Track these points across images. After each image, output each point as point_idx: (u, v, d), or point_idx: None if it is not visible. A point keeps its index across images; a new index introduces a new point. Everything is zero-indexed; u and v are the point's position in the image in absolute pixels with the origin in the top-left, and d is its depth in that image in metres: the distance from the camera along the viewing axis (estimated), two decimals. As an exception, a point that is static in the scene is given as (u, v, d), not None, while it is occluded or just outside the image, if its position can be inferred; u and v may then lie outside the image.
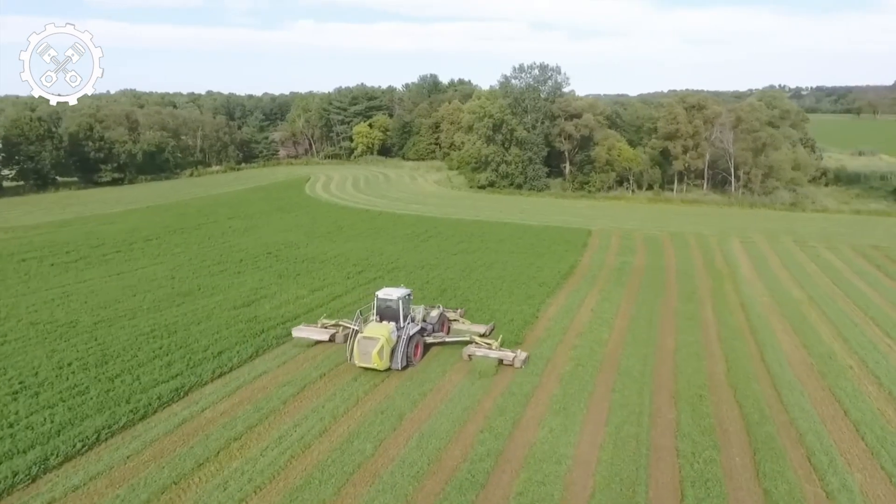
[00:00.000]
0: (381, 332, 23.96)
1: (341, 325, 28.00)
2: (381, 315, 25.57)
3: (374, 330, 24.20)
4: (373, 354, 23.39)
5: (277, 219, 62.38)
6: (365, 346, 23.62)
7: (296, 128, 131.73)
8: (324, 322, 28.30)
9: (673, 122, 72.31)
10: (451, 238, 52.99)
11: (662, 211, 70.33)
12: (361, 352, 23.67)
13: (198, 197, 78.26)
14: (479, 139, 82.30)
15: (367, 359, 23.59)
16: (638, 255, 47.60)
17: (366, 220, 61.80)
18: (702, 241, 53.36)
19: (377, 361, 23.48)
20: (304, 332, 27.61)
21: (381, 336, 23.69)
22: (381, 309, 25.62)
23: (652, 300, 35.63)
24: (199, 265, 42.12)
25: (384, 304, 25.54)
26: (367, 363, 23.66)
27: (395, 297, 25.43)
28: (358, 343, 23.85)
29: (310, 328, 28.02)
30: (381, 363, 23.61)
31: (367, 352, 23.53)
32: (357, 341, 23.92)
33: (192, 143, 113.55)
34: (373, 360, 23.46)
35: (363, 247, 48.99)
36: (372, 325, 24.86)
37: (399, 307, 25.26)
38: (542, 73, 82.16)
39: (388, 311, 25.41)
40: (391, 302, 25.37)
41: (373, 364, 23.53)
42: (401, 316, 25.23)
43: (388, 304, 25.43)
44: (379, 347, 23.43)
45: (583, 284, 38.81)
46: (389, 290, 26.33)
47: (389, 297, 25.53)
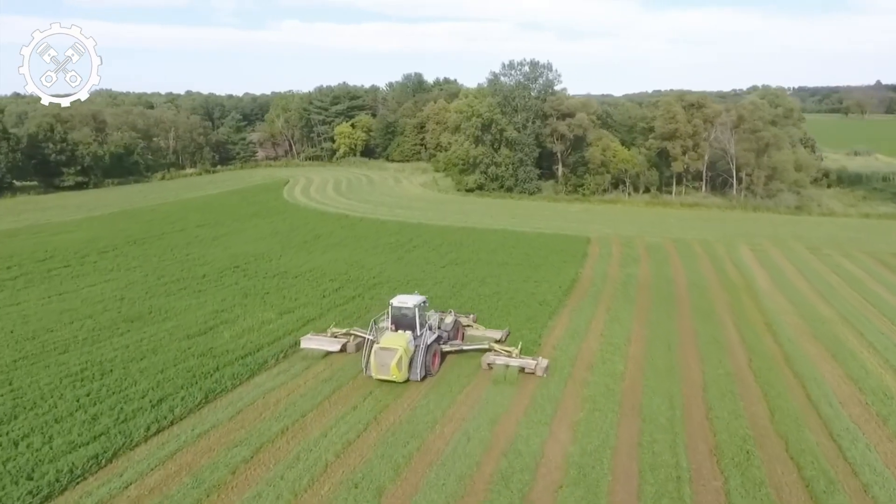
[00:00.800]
0: (399, 342, 22.76)
1: (353, 333, 26.60)
2: (396, 324, 24.30)
3: (391, 340, 22.99)
4: (391, 366, 22.22)
5: (251, 226, 57.64)
6: (382, 358, 22.45)
7: (275, 128, 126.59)
8: (334, 331, 26.80)
9: (671, 122, 68.64)
10: (439, 248, 48.67)
11: (662, 215, 66.61)
12: (379, 364, 22.47)
13: (167, 202, 73.15)
14: (466, 140, 78.06)
15: (385, 371, 22.36)
16: (643, 266, 43.66)
17: (346, 228, 57.27)
18: (708, 248, 49.60)
19: (396, 373, 22.33)
20: (314, 342, 26.12)
21: (399, 347, 22.52)
22: (396, 317, 24.36)
23: (666, 320, 31.61)
24: (156, 282, 37.34)
25: (399, 313, 24.26)
26: (385, 375, 22.42)
27: (411, 304, 24.14)
28: (375, 354, 22.70)
29: (319, 337, 26.46)
30: (399, 375, 22.44)
31: (386, 364, 22.32)
32: (374, 352, 22.79)
33: (165, 144, 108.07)
34: (391, 373, 22.29)
35: (342, 258, 44.50)
36: (388, 334, 23.59)
37: (415, 315, 23.98)
38: (532, 71, 78.17)
39: (404, 320, 24.15)
40: (407, 310, 24.09)
41: (391, 376, 22.36)
42: (417, 324, 23.95)
43: (404, 312, 24.16)
44: (397, 359, 22.27)
45: (587, 302, 34.70)
46: (404, 297, 25.03)
47: (405, 304, 24.23)
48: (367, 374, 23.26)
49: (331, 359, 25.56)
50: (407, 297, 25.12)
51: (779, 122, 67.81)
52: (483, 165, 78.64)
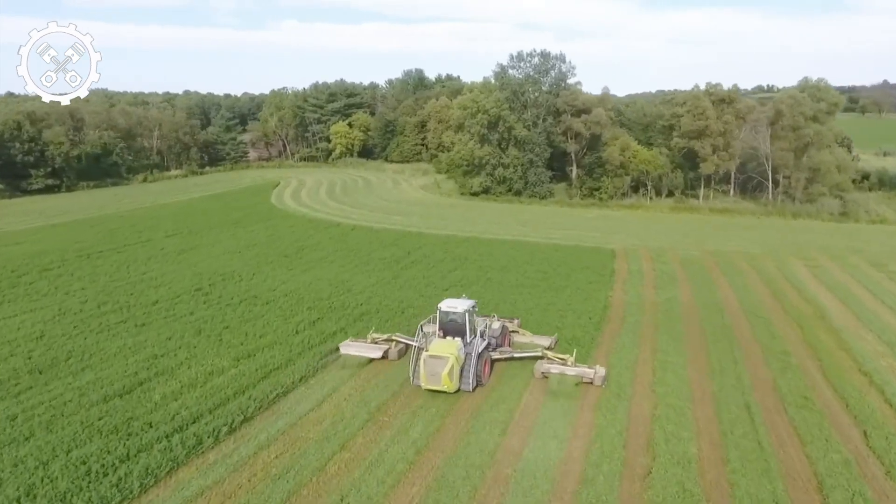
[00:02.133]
0: (450, 349, 21.30)
1: (395, 339, 25.33)
2: (444, 330, 22.71)
3: (441, 348, 21.45)
4: (443, 376, 20.83)
5: (227, 236, 50.75)
6: (433, 367, 20.97)
7: (268, 128, 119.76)
8: (374, 336, 25.30)
9: (701, 118, 61.51)
10: (441, 263, 41.74)
11: (690, 222, 59.55)
12: (429, 373, 21.02)
13: (142, 207, 66.36)
14: (471, 139, 71.08)
15: (436, 381, 20.98)
16: (682, 287, 36.67)
17: (336, 238, 50.34)
18: (754, 263, 42.58)
19: (447, 383, 20.93)
20: (353, 348, 24.63)
21: (450, 355, 21.04)
22: (444, 323, 22.75)
23: (731, 366, 24.62)
24: (92, 312, 30.40)
25: (448, 318, 22.68)
26: (436, 385, 21.07)
27: (461, 309, 22.52)
28: (424, 363, 21.17)
29: (358, 343, 24.96)
30: (451, 385, 21.05)
31: (436, 373, 20.89)
32: (423, 361, 21.25)
33: (149, 144, 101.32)
34: (443, 382, 20.90)
35: (326, 278, 37.60)
36: (438, 342, 22.06)
37: (465, 321, 22.42)
38: (543, 63, 71.14)
39: (453, 326, 22.59)
40: (456, 315, 22.56)
41: (443, 386, 20.99)
42: (467, 330, 22.39)
43: (453, 317, 22.61)
44: (449, 368, 20.80)
45: (625, 339, 27.70)
46: (453, 301, 23.37)
47: (454, 309, 22.65)
48: (414, 384, 21.80)
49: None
50: (456, 300, 23.38)
51: (820, 118, 60.65)
52: (489, 167, 71.67)
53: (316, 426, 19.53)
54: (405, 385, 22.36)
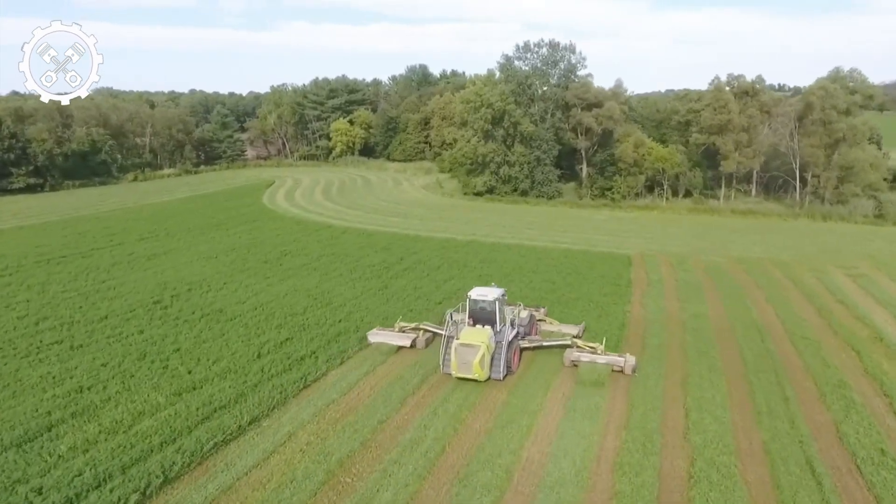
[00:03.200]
0: (481, 338, 21.09)
1: (422, 327, 25.30)
2: (474, 318, 22.63)
3: (472, 336, 21.27)
4: (474, 364, 20.62)
5: (206, 240, 46.60)
6: (464, 355, 20.81)
7: (266, 125, 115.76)
8: (401, 325, 25.45)
9: (723, 112, 56.64)
10: (436, 270, 37.36)
11: (710, 225, 54.79)
12: (460, 361, 20.85)
13: (123, 207, 62.38)
14: (474, 135, 66.59)
15: (467, 369, 20.77)
16: (710, 300, 32.06)
17: (324, 242, 46.06)
18: (788, 272, 37.88)
19: (478, 371, 20.72)
20: (381, 336, 24.78)
21: (481, 343, 20.86)
22: (474, 311, 22.68)
23: (781, 405, 20.13)
24: (26, 330, 26.25)
25: (478, 306, 22.61)
26: (467, 374, 20.87)
27: (491, 298, 22.42)
28: (456, 351, 20.98)
29: (386, 332, 25.01)
30: (482, 373, 20.86)
31: (468, 361, 20.70)
32: (454, 349, 21.06)
33: (142, 142, 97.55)
34: (474, 371, 20.68)
35: (306, 288, 33.31)
36: (468, 330, 21.87)
37: (496, 309, 22.33)
38: (551, 53, 66.52)
39: (483, 314, 22.50)
40: (486, 303, 22.47)
41: (474, 374, 20.77)
42: (497, 319, 22.33)
43: (483, 305, 22.54)
44: (480, 356, 20.61)
45: (649, 366, 23.19)
46: (483, 289, 23.24)
47: (485, 297, 22.53)
48: (444, 372, 21.82)
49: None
50: (486, 289, 23.20)
51: (853, 111, 55.72)
52: (493, 165, 67.15)
53: (258, 490, 15.21)
54: (379, 428, 18.05)
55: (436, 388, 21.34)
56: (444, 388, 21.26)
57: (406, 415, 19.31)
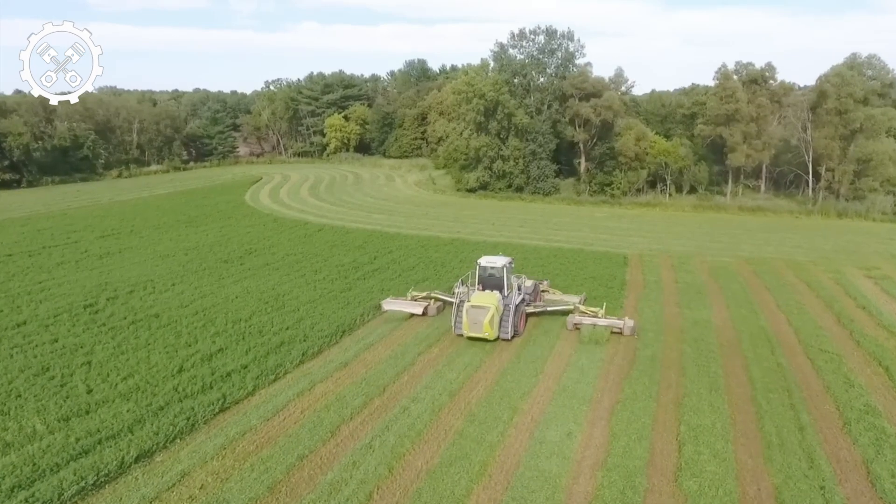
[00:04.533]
0: (491, 300, 22.53)
1: (433, 296, 26.76)
2: (483, 284, 23.83)
3: (482, 299, 22.67)
4: (484, 323, 22.14)
5: (171, 237, 43.35)
6: (475, 316, 22.30)
7: (260, 121, 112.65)
8: (414, 294, 26.85)
9: (730, 101, 52.69)
10: (410, 271, 33.85)
11: (717, 223, 50.93)
12: (471, 321, 22.36)
13: (95, 204, 59.32)
14: (466, 127, 63.03)
15: (477, 328, 22.31)
16: (715, 305, 28.35)
17: (295, 240, 42.66)
18: (802, 273, 34.07)
19: (488, 330, 22.25)
20: (395, 304, 26.13)
21: (490, 305, 22.31)
22: (483, 277, 23.96)
23: (795, 437, 16.52)
24: (-76, 338, 22.97)
25: (487, 273, 23.90)
26: (477, 333, 22.40)
27: (500, 265, 23.77)
28: (467, 312, 22.47)
29: (399, 301, 26.39)
30: (491, 332, 22.35)
31: (478, 321, 22.22)
32: (465, 311, 22.56)
33: (129, 138, 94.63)
34: (484, 330, 22.23)
35: (261, 289, 29.90)
36: (479, 294, 23.11)
37: (503, 275, 23.61)
38: (548, 41, 62.79)
39: (492, 280, 23.73)
40: (495, 270, 23.76)
41: (484, 333, 22.32)
42: (505, 284, 23.57)
43: (492, 272, 23.80)
44: (490, 316, 22.09)
45: (638, 383, 19.59)
46: (492, 257, 24.57)
47: (493, 264, 23.87)
48: (457, 333, 23.21)
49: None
50: (494, 257, 24.70)
51: (871, 101, 51.68)
52: (487, 160, 63.57)
53: None
54: (297, 466, 14.54)
55: (376, 415, 17.82)
56: (389, 412, 17.74)
57: (334, 448, 15.81)
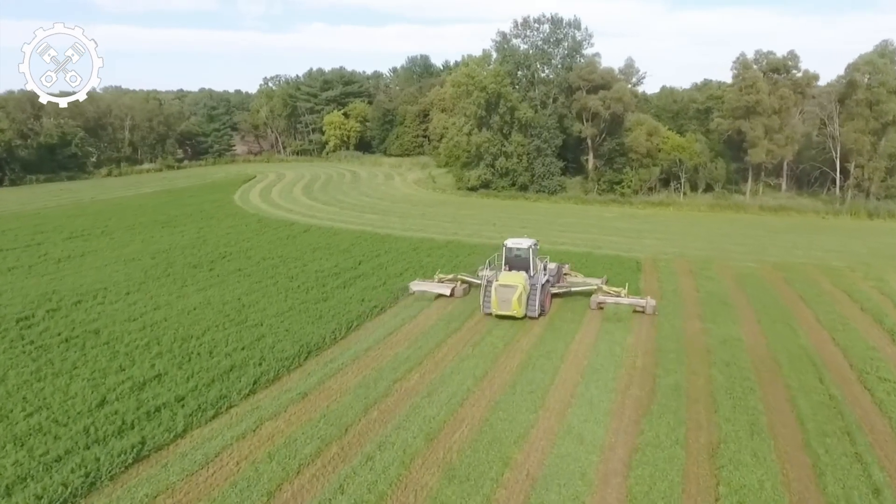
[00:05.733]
0: (518, 279, 23.15)
1: (460, 278, 27.68)
2: (509, 265, 24.68)
3: (510, 278, 23.33)
4: (512, 301, 22.68)
5: (143, 238, 39.97)
6: (504, 294, 22.89)
7: (258, 119, 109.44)
8: (440, 276, 27.84)
9: (751, 92, 48.69)
10: (395, 278, 30.15)
11: (737, 223, 46.97)
12: (500, 299, 22.97)
13: (75, 203, 56.14)
14: (466, 122, 59.34)
15: (506, 306, 22.90)
16: (744, 319, 24.51)
17: (277, 242, 39.15)
18: (840, 281, 30.13)
19: (516, 308, 22.79)
20: (423, 286, 26.99)
21: (518, 284, 22.90)
22: (509, 258, 24.81)
23: (866, 500, 12.64)
24: None
25: (513, 254, 24.75)
26: (506, 310, 22.99)
27: (526, 246, 24.58)
28: (496, 291, 23.10)
29: (426, 282, 27.41)
30: (519, 310, 22.88)
31: (507, 299, 22.81)
32: (494, 289, 23.18)
33: (121, 135, 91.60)
34: (512, 307, 22.77)
35: (224, 300, 26.36)
36: (506, 273, 23.88)
37: (529, 256, 24.38)
38: (554, 30, 59.03)
39: (518, 261, 24.57)
40: (521, 251, 24.56)
41: (512, 311, 22.88)
42: (531, 265, 24.33)
43: (518, 253, 24.61)
44: (518, 294, 22.67)
45: (659, 423, 15.83)
46: (518, 239, 25.32)
47: (520, 246, 24.69)
48: (485, 312, 23.82)
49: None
50: (520, 239, 25.23)
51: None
52: (489, 157, 59.85)
53: None
54: None
55: (331, 467, 14.17)
56: (348, 463, 14.09)
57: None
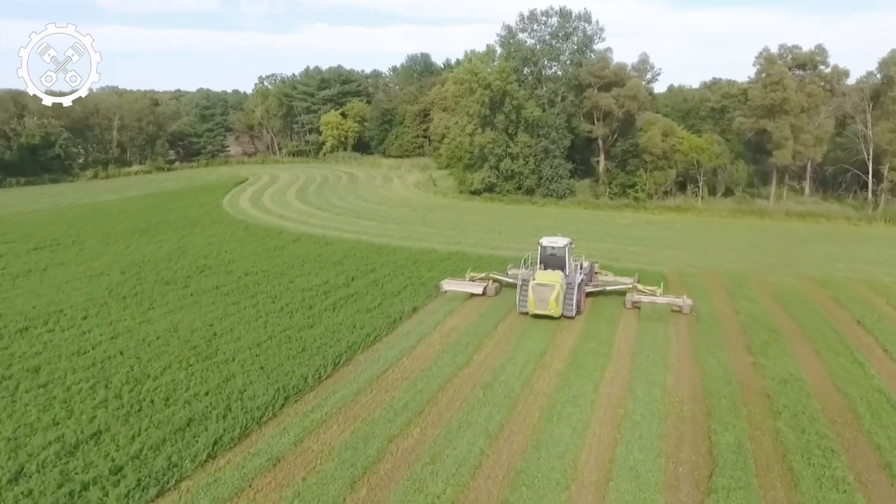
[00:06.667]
0: (555, 278, 23.10)
1: (492, 276, 27.56)
2: (545, 264, 24.67)
3: (548, 277, 23.26)
4: (550, 300, 22.57)
5: (118, 248, 36.46)
6: (541, 293, 22.78)
7: (253, 119, 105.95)
8: (472, 275, 27.67)
9: (777, 89, 45.10)
10: (394, 297, 26.61)
11: (763, 231, 43.40)
12: (538, 299, 22.86)
13: (53, 208, 52.63)
14: (469, 122, 55.80)
15: (544, 305, 22.76)
16: (799, 349, 20.95)
17: (263, 253, 35.58)
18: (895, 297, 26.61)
19: (554, 308, 22.67)
20: (454, 285, 26.84)
21: (556, 282, 22.85)
22: (545, 257, 24.82)
23: None
24: None
25: (549, 253, 24.74)
26: (543, 310, 22.84)
27: (562, 244, 24.60)
28: (533, 290, 22.96)
29: (457, 281, 27.26)
30: (557, 309, 22.74)
31: (545, 298, 22.67)
32: (531, 288, 23.04)
33: (109, 136, 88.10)
34: (550, 307, 22.65)
35: (194, 326, 22.81)
36: (542, 272, 23.78)
37: (565, 255, 24.37)
38: (562, 24, 55.49)
39: (553, 260, 24.54)
40: (557, 250, 24.58)
41: (550, 311, 22.74)
42: (567, 264, 24.28)
43: (554, 252, 24.62)
44: (556, 294, 22.56)
45: (727, 498, 12.26)
46: (553, 238, 25.28)
47: (555, 244, 24.68)
48: (521, 311, 23.60)
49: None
50: (555, 238, 25.13)
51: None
52: (493, 158, 56.30)
53: None
54: None
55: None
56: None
57: None
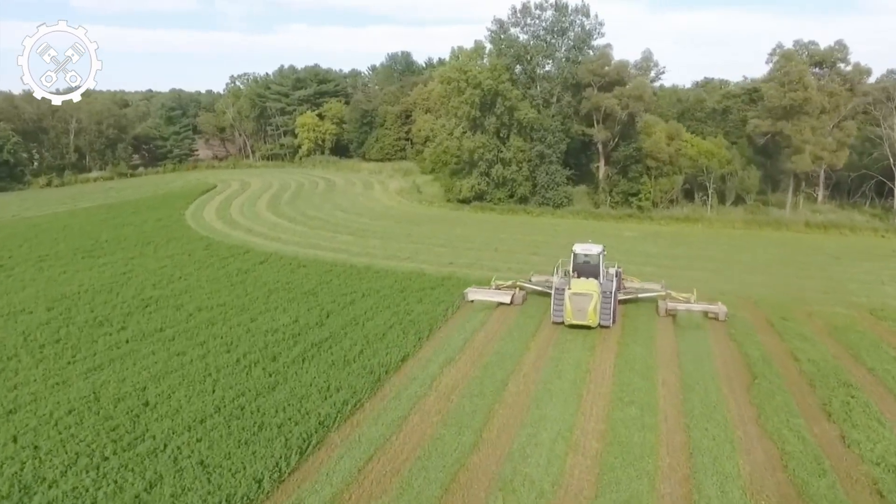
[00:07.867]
0: (592, 287, 22.21)
1: (518, 284, 26.70)
2: (578, 272, 23.88)
3: (584, 286, 22.26)
4: (588, 311, 21.73)
5: (52, 274, 30.98)
6: (579, 303, 21.84)
7: (224, 121, 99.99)
8: (498, 283, 26.61)
9: (797, 87, 41.06)
10: (379, 342, 21.70)
11: (785, 245, 39.26)
12: (575, 309, 21.90)
13: (-10, 223, 46.63)
14: (458, 124, 51.00)
15: (581, 315, 21.89)
16: (890, 414, 16.53)
17: (223, 280, 30.36)
18: (972, 337, 22.42)
19: (592, 318, 21.84)
20: (479, 294, 25.74)
21: (593, 292, 21.98)
22: (578, 265, 24.06)
23: None
24: None
25: (583, 260, 24.05)
26: (581, 320, 21.97)
27: (595, 252, 23.86)
28: (570, 300, 21.99)
29: (483, 290, 26.03)
30: (595, 319, 21.94)
31: (583, 308, 21.80)
32: (568, 297, 22.08)
33: (66, 140, 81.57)
34: (588, 318, 21.81)
35: (121, 389, 17.71)
36: (577, 281, 22.77)
37: (599, 262, 23.71)
38: (558, 19, 50.96)
39: (587, 268, 23.77)
40: (590, 257, 23.89)
41: (588, 321, 21.89)
42: (601, 272, 23.60)
43: (587, 259, 23.96)
44: (594, 304, 21.75)
45: None
46: (586, 245, 24.50)
47: (589, 252, 23.99)
48: (555, 321, 22.84)
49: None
50: (589, 245, 24.47)
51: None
52: (483, 164, 51.57)
53: None
54: None
55: None
56: None
57: None
